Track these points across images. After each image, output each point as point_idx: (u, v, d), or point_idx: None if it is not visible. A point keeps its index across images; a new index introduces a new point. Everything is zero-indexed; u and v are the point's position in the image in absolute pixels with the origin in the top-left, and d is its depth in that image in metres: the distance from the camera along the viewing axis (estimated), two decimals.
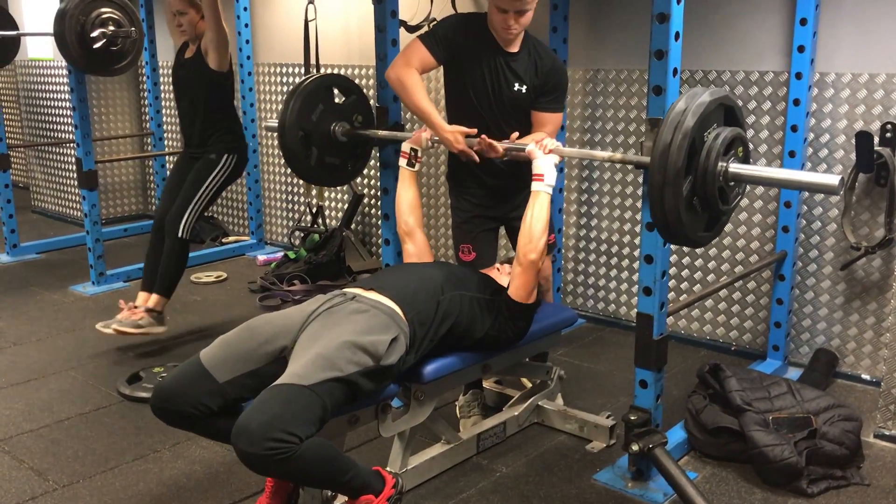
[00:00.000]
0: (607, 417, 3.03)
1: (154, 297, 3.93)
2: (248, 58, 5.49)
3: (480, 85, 2.95)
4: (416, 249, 2.89)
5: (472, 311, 2.57)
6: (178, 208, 3.91)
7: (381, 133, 3.21)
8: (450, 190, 3.21)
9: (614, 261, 4.15)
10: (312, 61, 4.89)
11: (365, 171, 5.16)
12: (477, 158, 2.88)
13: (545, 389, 3.11)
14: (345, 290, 2.52)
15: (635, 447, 2.56)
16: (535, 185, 2.66)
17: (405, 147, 2.95)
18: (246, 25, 5.44)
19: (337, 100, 3.34)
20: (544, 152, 2.66)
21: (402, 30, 3.42)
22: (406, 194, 2.94)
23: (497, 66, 2.93)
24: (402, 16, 3.50)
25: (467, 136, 2.87)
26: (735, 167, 2.10)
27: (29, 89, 6.89)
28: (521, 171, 3.01)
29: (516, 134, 2.83)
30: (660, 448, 2.55)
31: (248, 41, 5.46)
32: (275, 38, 5.51)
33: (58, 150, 6.70)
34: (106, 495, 2.68)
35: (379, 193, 3.68)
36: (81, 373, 3.68)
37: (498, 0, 2.78)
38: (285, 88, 5.53)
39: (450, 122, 2.98)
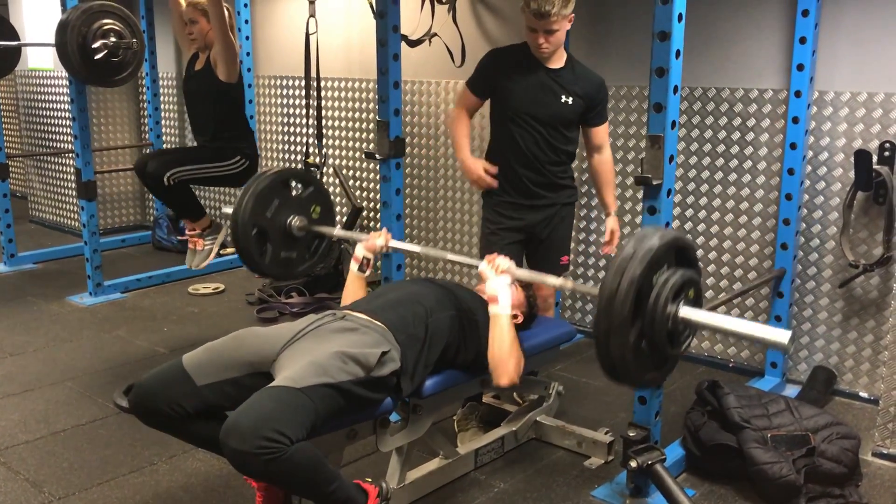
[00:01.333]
0: (605, 433, 3.03)
1: (193, 223, 4.18)
2: (249, 70, 5.50)
3: (530, 102, 3.09)
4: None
5: (463, 331, 2.56)
6: (166, 163, 3.90)
7: (337, 232, 3.17)
8: (484, 199, 3.31)
9: None
10: (313, 74, 4.90)
11: (363, 185, 5.18)
12: (494, 183, 3.17)
13: (544, 405, 3.11)
14: (334, 311, 2.52)
15: (634, 463, 2.56)
16: (491, 309, 2.50)
17: (358, 252, 2.86)
18: (247, 38, 5.46)
19: (294, 191, 3.20)
20: (496, 272, 2.53)
21: (403, 44, 3.43)
22: (350, 296, 2.82)
23: (543, 81, 3.09)
24: (404, 30, 3.51)
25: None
26: (685, 311, 2.01)
27: (29, 99, 6.89)
28: (553, 184, 3.19)
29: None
30: (658, 465, 2.54)
31: (248, 53, 5.48)
32: (275, 50, 5.52)
33: (57, 160, 6.70)
34: None
35: (378, 206, 3.67)
36: (78, 384, 3.67)
37: (528, 20, 2.99)
38: (286, 101, 5.54)
39: (492, 150, 3.26)
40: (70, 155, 6.19)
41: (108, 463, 2.96)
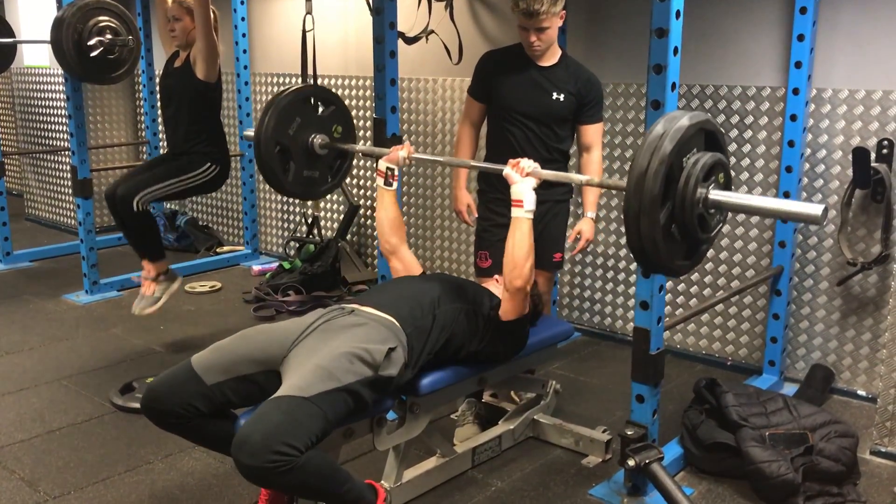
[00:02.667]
0: (603, 432, 3.02)
1: (151, 265, 3.98)
2: (246, 67, 5.48)
3: (521, 99, 3.10)
4: (403, 265, 2.87)
5: (468, 324, 2.56)
6: (136, 186, 3.82)
7: (359, 147, 3.21)
8: (479, 194, 3.33)
9: (610, 274, 4.14)
10: (310, 71, 4.88)
11: (361, 183, 5.16)
12: (470, 221, 3.33)
13: (541, 403, 3.10)
14: (342, 304, 2.52)
15: (632, 462, 2.55)
16: (514, 212, 2.55)
17: (381, 165, 2.87)
18: (244, 35, 5.44)
19: (315, 111, 3.28)
20: (521, 175, 2.56)
21: (399, 41, 3.42)
22: (385, 214, 2.86)
23: (534, 79, 3.10)
24: (401, 27, 3.50)
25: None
26: (715, 194, 2.01)
27: (24, 97, 6.87)
28: (545, 182, 3.09)
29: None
30: (656, 463, 2.53)
31: (245, 51, 5.46)
32: (272, 48, 5.51)
33: (53, 158, 6.68)
34: None
35: (375, 205, 3.67)
36: (74, 382, 3.66)
37: (519, 19, 3.00)
38: None
39: (489, 148, 3.26)
40: (66, 153, 6.18)
41: (104, 461, 2.95)
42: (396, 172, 2.88)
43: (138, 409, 2.89)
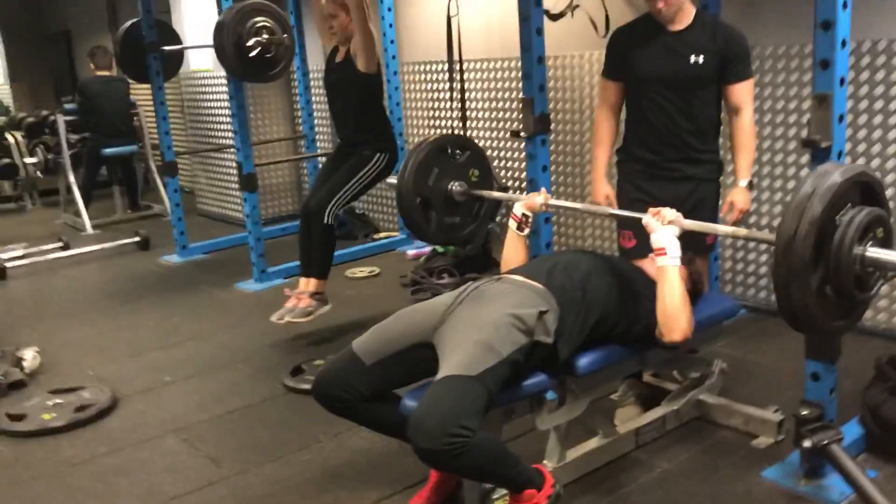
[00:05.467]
0: (775, 412, 2.88)
1: (313, 282, 4.10)
2: (394, 57, 5.60)
3: (656, 68, 2.97)
4: None
5: (620, 301, 2.51)
6: (325, 197, 4.01)
7: (496, 194, 3.29)
8: (617, 164, 3.21)
9: None
10: (455, 57, 4.92)
11: (509, 165, 5.16)
12: (608, 210, 3.06)
13: (706, 383, 2.99)
14: (491, 277, 2.55)
15: (808, 443, 2.41)
16: (659, 261, 2.43)
17: (517, 210, 2.83)
18: (390, 25, 5.55)
19: (452, 157, 3.31)
20: (662, 223, 2.44)
21: (545, 18, 3.37)
22: (513, 256, 2.81)
23: (668, 45, 2.95)
24: (545, 4, 3.45)
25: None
26: (873, 252, 1.88)
27: (191, 99, 7.32)
28: (689, 158, 3.04)
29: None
30: (835, 444, 2.39)
31: (392, 41, 5.57)
32: (419, 36, 5.59)
33: (219, 156, 7.09)
34: (275, 484, 2.81)
35: (525, 186, 3.66)
36: (248, 366, 3.88)
37: None
38: (430, 87, 5.60)
39: (628, 132, 3.15)
40: (231, 150, 6.54)
41: (279, 441, 3.12)
42: (531, 220, 2.84)
43: (308, 390, 3.06)
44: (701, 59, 2.93)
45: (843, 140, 2.32)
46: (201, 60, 6.99)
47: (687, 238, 3.12)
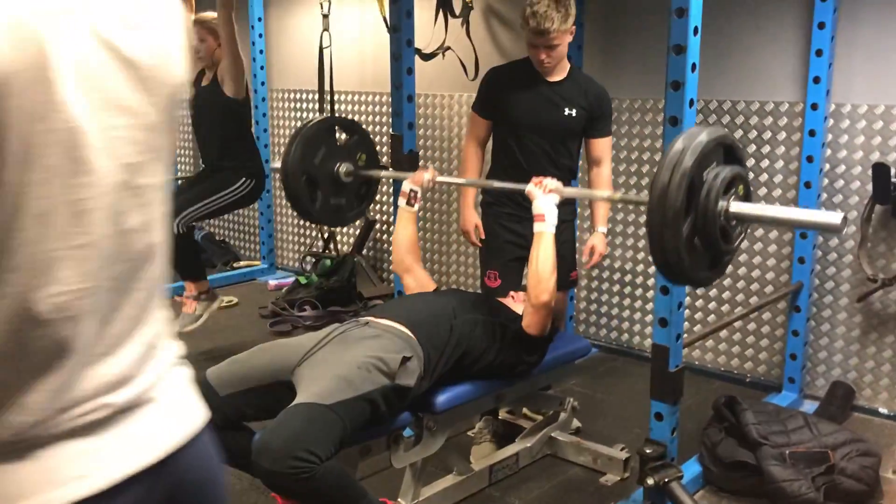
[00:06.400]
0: (621, 450, 3.00)
1: (191, 285, 4.07)
2: (263, 84, 5.52)
3: (532, 115, 3.07)
4: (416, 283, 2.88)
5: (484, 334, 2.55)
6: (175, 208, 3.86)
7: (384, 173, 3.26)
8: (485, 205, 3.28)
9: (628, 290, 4.12)
10: (327, 88, 4.91)
11: (377, 198, 5.17)
12: (477, 242, 3.24)
13: (558, 420, 3.08)
14: (357, 318, 2.53)
15: (651, 481, 2.52)
16: (537, 227, 2.59)
17: (405, 187, 2.92)
18: (261, 52, 5.48)
19: (339, 141, 3.31)
20: (544, 192, 2.60)
21: (416, 58, 3.43)
22: (404, 233, 2.91)
23: (544, 94, 3.07)
24: (417, 44, 3.51)
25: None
26: (736, 206, 2.06)
27: None
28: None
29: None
30: (675, 482, 2.51)
31: (262, 67, 5.50)
32: (289, 64, 5.54)
33: None
34: None
35: (392, 220, 3.69)
36: None
37: (528, 37, 2.98)
38: (299, 115, 5.56)
39: (494, 165, 3.23)
40: None
41: None
42: (419, 194, 2.91)
43: None
44: (574, 112, 3.07)
45: None
46: None
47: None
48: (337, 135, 3.27)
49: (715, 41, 3.53)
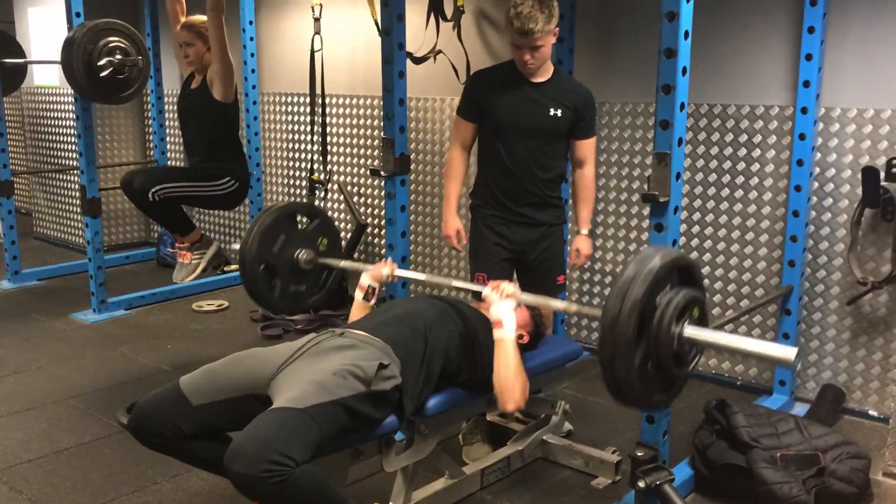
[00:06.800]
0: (613, 453, 3.00)
1: (183, 237, 4.17)
2: (254, 87, 5.51)
3: (517, 116, 3.08)
4: None
5: (463, 347, 2.54)
6: (150, 180, 3.91)
7: (343, 264, 3.15)
8: (472, 209, 3.28)
9: None
10: (318, 91, 4.91)
11: (368, 201, 5.17)
12: (458, 247, 3.25)
13: (550, 424, 3.08)
14: (333, 329, 2.52)
15: (642, 484, 2.52)
16: (496, 333, 2.48)
17: (363, 281, 2.84)
18: (252, 55, 5.47)
19: (301, 224, 3.22)
20: (500, 297, 2.51)
21: (408, 61, 3.43)
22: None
23: (530, 95, 3.07)
24: (409, 47, 3.51)
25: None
26: (690, 330, 2.01)
27: (34, 116, 6.92)
28: (541, 203, 3.17)
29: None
30: (667, 485, 2.51)
31: (253, 70, 5.49)
32: (281, 67, 5.53)
33: (61, 177, 6.71)
34: None
35: (383, 223, 3.68)
36: (81, 402, 3.65)
37: (512, 38, 2.98)
38: (291, 118, 5.55)
39: (481, 169, 3.24)
40: (75, 172, 6.20)
41: (111, 482, 2.94)
42: (377, 290, 2.86)
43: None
44: (559, 112, 3.07)
45: (679, 196, 2.47)
46: (47, 76, 6.62)
47: (540, 276, 3.24)
48: (298, 218, 3.17)
49: (705, 45, 3.55)
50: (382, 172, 3.22)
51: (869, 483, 2.77)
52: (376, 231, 5.16)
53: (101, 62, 4.44)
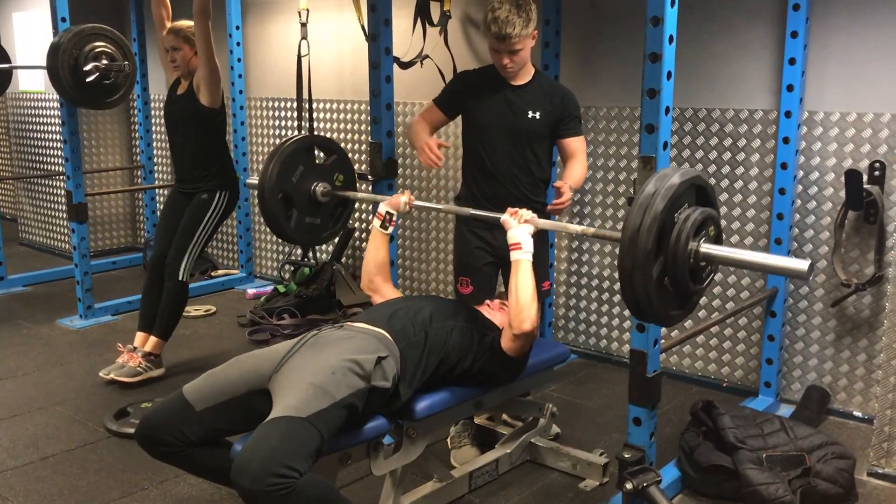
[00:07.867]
0: (600, 455, 3.01)
1: (152, 340, 3.94)
2: (241, 92, 5.51)
3: (495, 118, 3.08)
4: (384, 299, 2.87)
5: (462, 341, 2.56)
6: (177, 251, 3.90)
7: (361, 195, 3.26)
8: (456, 218, 3.27)
9: (606, 296, 4.15)
10: (305, 96, 4.91)
11: (357, 206, 5.17)
12: (437, 159, 3.06)
13: (538, 426, 3.09)
14: (333, 324, 2.54)
15: (629, 485, 2.53)
16: (514, 255, 2.58)
17: (381, 209, 2.92)
18: (239, 60, 5.47)
19: (317, 159, 3.31)
20: (519, 222, 2.61)
21: (394, 66, 3.44)
22: (375, 254, 2.91)
23: (508, 98, 3.08)
24: (396, 52, 3.53)
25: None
26: (706, 248, 2.09)
27: (19, 121, 6.88)
28: (528, 207, 3.08)
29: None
30: (654, 486, 2.53)
31: (240, 75, 5.49)
32: (268, 72, 5.53)
33: (47, 183, 6.68)
34: None
35: (370, 228, 3.69)
36: (68, 408, 3.63)
37: (490, 42, 2.99)
38: (278, 123, 5.55)
39: (464, 173, 3.24)
40: (61, 177, 6.17)
41: (99, 488, 2.93)
42: (395, 218, 2.92)
43: (132, 434, 2.89)
44: (538, 114, 3.07)
45: None
46: (32, 81, 6.59)
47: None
48: (316, 153, 3.26)
49: (690, 50, 3.58)
50: (370, 177, 3.23)
51: (854, 483, 2.79)
52: (364, 236, 5.16)
53: (87, 67, 4.42)
